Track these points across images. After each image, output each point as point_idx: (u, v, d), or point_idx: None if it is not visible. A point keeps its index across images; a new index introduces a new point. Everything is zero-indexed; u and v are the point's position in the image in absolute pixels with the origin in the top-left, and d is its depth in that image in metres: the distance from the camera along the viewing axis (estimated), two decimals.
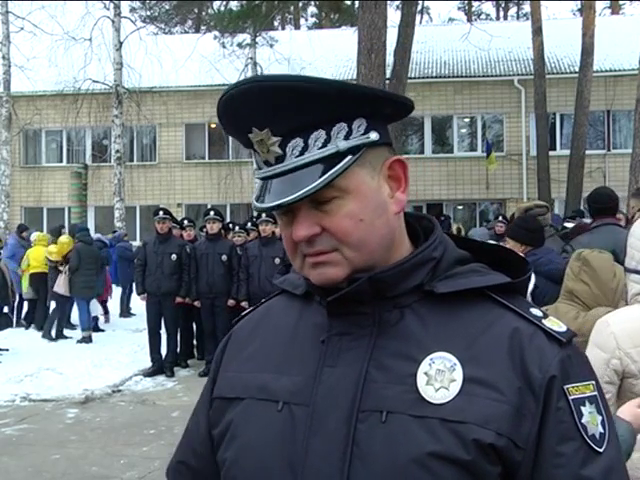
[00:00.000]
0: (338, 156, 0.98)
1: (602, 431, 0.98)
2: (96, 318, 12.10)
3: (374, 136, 1.01)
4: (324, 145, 0.98)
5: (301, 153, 0.98)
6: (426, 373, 0.97)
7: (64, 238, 12.01)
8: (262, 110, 0.97)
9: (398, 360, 0.99)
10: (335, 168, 0.97)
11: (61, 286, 11.28)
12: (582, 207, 15.04)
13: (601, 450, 0.97)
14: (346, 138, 0.99)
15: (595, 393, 1.01)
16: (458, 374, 0.97)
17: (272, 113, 0.97)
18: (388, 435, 0.95)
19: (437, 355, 0.98)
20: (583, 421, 0.97)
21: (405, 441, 0.94)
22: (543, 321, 1.02)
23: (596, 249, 3.27)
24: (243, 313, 1.24)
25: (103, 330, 12.37)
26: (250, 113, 0.98)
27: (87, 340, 11.10)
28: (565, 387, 0.97)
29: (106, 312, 13.22)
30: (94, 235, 13.35)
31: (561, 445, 0.95)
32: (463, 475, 0.93)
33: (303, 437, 0.99)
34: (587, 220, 7.17)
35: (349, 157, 0.98)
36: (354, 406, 0.97)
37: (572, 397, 0.97)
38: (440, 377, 0.97)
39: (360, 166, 1.00)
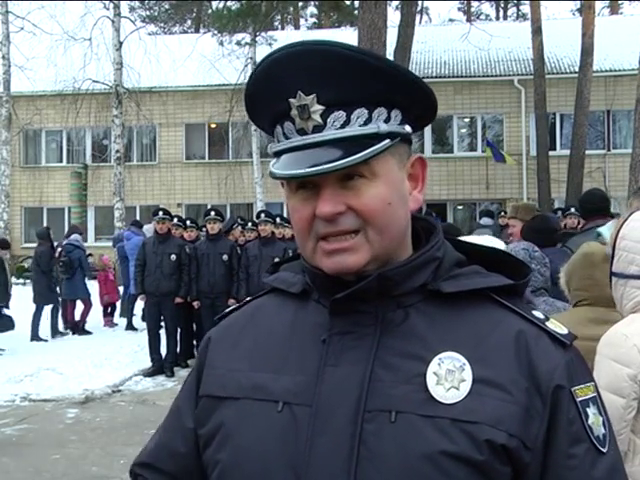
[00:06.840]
0: (377, 137, 0.97)
1: (604, 432, 0.99)
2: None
3: (408, 129, 1.02)
4: (365, 124, 0.97)
5: (342, 126, 0.97)
6: (435, 373, 0.96)
7: None
8: (316, 74, 0.95)
9: (405, 360, 0.98)
10: (376, 146, 0.96)
11: None
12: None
13: (605, 450, 0.97)
14: (385, 123, 0.99)
15: (596, 394, 1.01)
16: (467, 374, 0.96)
17: (325, 79, 0.95)
18: (398, 434, 0.94)
19: (446, 355, 0.97)
20: (589, 422, 0.97)
21: (416, 440, 0.93)
22: (546, 323, 1.02)
23: (591, 247, 3.15)
24: (227, 310, 1.21)
25: (90, 332, 12.22)
26: (301, 75, 0.95)
27: None
28: (572, 389, 0.97)
29: (111, 314, 13.05)
30: (71, 237, 12.58)
31: (573, 447, 0.95)
32: (475, 475, 0.92)
33: (306, 438, 0.97)
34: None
35: (387, 140, 0.98)
36: (360, 406, 0.96)
37: (579, 399, 0.97)
38: (450, 377, 0.96)
39: (392, 154, 1.00)
